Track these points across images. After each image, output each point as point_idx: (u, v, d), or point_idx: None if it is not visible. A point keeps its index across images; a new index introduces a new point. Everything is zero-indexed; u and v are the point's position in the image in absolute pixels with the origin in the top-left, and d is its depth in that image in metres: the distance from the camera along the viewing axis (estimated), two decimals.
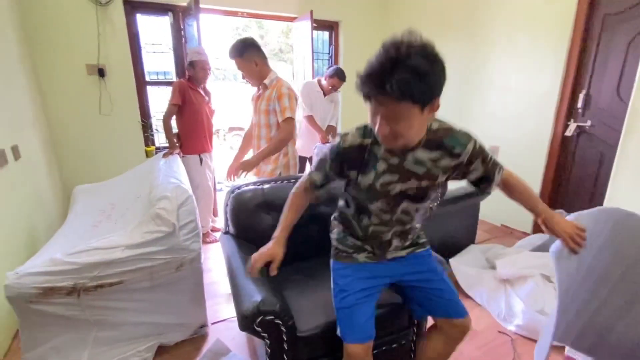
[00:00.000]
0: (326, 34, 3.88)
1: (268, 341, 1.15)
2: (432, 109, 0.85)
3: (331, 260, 1.21)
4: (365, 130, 0.98)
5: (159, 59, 3.29)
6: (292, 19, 3.56)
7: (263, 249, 1.08)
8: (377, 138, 0.91)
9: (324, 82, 3.05)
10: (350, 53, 3.90)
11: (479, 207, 2.56)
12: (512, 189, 1.08)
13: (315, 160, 1.15)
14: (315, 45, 3.94)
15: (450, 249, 2.41)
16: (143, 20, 3.05)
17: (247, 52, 1.91)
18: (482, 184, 1.04)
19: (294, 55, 3.78)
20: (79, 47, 2.76)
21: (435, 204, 1.11)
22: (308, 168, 3.04)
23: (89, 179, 2.56)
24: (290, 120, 1.92)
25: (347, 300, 1.09)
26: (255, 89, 2.12)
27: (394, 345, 1.38)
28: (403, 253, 1.16)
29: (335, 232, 1.20)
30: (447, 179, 1.03)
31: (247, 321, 1.09)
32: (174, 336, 1.66)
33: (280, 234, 1.10)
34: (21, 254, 1.88)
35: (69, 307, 1.37)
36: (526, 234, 2.86)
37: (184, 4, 2.96)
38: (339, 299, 1.12)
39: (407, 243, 1.16)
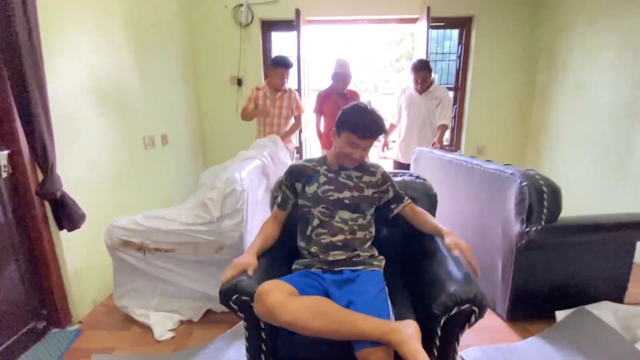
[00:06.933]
0: (455, 32, 3.49)
1: (245, 323, 1.13)
2: None
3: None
4: (312, 159, 1.40)
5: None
6: (413, 21, 3.39)
7: (238, 260, 1.18)
8: (328, 164, 1.35)
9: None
10: (483, 53, 3.39)
11: (634, 249, 1.75)
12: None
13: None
14: (441, 46, 3.63)
15: (572, 296, 1.76)
16: (276, 37, 3.54)
17: None
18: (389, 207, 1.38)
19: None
20: (226, 62, 3.44)
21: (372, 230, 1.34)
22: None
23: None
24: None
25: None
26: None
27: None
28: (351, 267, 1.23)
29: (294, 263, 1.33)
30: (374, 198, 1.33)
31: (224, 296, 1.11)
32: (222, 306, 1.83)
33: (251, 249, 1.25)
34: None
35: (139, 261, 1.72)
36: None
37: (309, 18, 3.27)
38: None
39: (355, 258, 1.25)
